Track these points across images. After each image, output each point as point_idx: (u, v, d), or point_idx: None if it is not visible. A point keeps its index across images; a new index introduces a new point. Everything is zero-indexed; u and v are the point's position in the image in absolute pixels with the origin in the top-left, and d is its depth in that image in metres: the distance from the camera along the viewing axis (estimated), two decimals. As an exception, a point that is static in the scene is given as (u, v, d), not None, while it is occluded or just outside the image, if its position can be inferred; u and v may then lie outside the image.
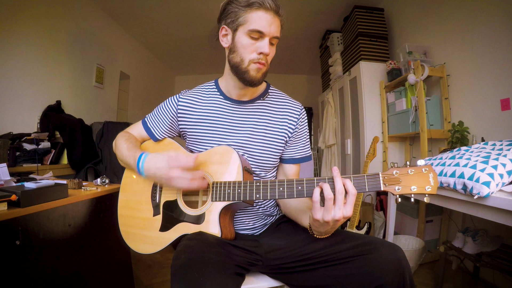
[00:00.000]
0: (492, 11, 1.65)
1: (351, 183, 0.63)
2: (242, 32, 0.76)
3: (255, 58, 0.77)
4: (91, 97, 2.88)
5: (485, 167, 0.91)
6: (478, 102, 1.75)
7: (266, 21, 0.74)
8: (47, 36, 2.28)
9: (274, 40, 0.79)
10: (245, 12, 0.75)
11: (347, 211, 0.62)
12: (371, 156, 1.96)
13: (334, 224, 0.65)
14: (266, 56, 0.78)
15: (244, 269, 0.72)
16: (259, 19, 0.74)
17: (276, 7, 0.75)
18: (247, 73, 0.78)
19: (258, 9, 0.74)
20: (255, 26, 0.74)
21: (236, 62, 0.79)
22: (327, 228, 0.66)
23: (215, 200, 0.75)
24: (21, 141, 1.82)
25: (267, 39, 0.76)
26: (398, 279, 0.62)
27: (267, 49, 0.76)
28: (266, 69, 0.80)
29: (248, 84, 0.80)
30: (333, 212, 0.62)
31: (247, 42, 0.76)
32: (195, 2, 2.88)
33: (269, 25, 0.75)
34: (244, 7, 0.74)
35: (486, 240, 1.39)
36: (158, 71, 4.71)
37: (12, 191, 0.85)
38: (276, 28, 0.77)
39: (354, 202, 0.63)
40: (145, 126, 0.95)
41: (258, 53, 0.76)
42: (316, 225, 0.67)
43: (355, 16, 2.65)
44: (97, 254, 1.18)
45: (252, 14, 0.74)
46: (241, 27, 0.76)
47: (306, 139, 0.94)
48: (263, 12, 0.74)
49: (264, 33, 0.75)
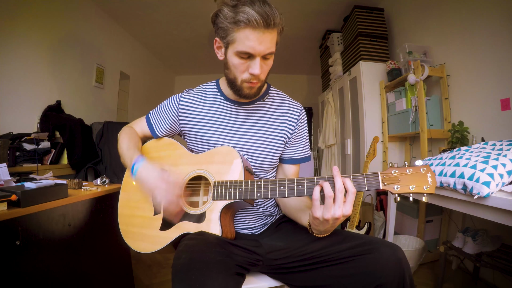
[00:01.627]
0: (492, 11, 1.65)
1: (350, 182, 0.63)
2: (232, 51, 0.73)
3: (247, 78, 0.75)
4: (91, 97, 2.89)
5: (485, 167, 0.91)
6: (478, 102, 1.75)
7: (254, 40, 0.68)
8: (47, 36, 2.28)
9: (269, 56, 0.74)
10: (232, 31, 0.70)
11: (347, 210, 0.63)
12: (371, 156, 1.96)
13: (333, 223, 0.65)
14: (258, 75, 0.74)
15: (245, 269, 0.72)
16: (246, 39, 0.69)
17: (266, 22, 0.67)
18: (241, 90, 0.79)
19: (244, 28, 0.68)
20: (243, 48, 0.70)
21: (230, 79, 0.79)
22: (326, 226, 0.67)
23: (216, 199, 0.75)
24: (21, 141, 1.82)
25: (258, 59, 0.72)
26: (398, 279, 0.62)
27: (257, 71, 0.72)
28: (260, 84, 0.79)
29: (244, 98, 0.81)
30: (332, 210, 0.63)
31: (238, 62, 0.73)
32: (195, 2, 2.88)
33: (258, 44, 0.69)
34: (231, 24, 0.69)
35: (486, 240, 1.39)
36: (158, 71, 4.71)
37: (12, 191, 0.85)
38: (268, 43, 0.70)
39: (353, 200, 0.64)
40: (148, 123, 0.96)
41: (250, 73, 0.74)
42: (315, 223, 0.68)
43: (355, 16, 2.65)
44: (97, 254, 1.18)
45: (240, 33, 0.69)
46: (230, 46, 0.72)
47: (305, 139, 0.94)
48: (250, 31, 0.68)
49: (252, 54, 0.71)
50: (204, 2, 2.86)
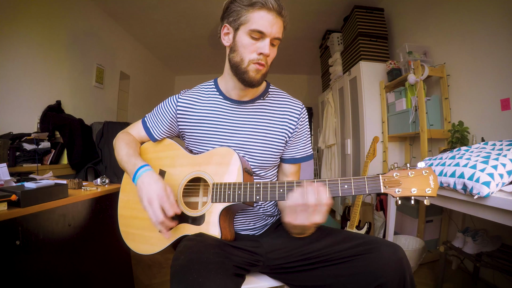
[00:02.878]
0: (492, 11, 1.65)
1: (324, 193, 0.63)
2: (243, 31, 0.76)
3: (255, 59, 0.76)
4: (91, 97, 2.88)
5: (485, 167, 0.91)
6: (478, 102, 1.75)
7: (268, 21, 0.74)
8: (47, 36, 2.28)
9: (276, 41, 0.78)
10: (247, 12, 0.74)
11: (318, 219, 0.63)
12: (371, 156, 1.96)
13: (305, 228, 0.68)
14: (266, 57, 0.77)
15: (244, 269, 0.72)
16: (260, 19, 0.73)
17: (279, 8, 0.74)
18: (246, 74, 0.78)
19: (260, 9, 0.73)
20: (256, 26, 0.74)
21: (236, 62, 0.78)
22: (298, 230, 0.71)
23: (215, 201, 0.75)
24: (21, 141, 1.82)
25: (268, 40, 0.75)
26: (398, 278, 0.62)
27: (267, 50, 0.75)
28: (265, 70, 0.80)
29: (247, 84, 0.79)
30: (303, 217, 0.64)
31: (248, 41, 0.76)
32: (195, 2, 2.88)
33: (270, 25, 0.74)
34: (246, 6, 0.74)
35: (486, 240, 1.39)
36: (158, 71, 4.71)
37: (12, 191, 0.85)
38: (278, 29, 0.76)
39: (326, 211, 0.64)
40: (144, 126, 0.94)
41: (258, 53, 0.76)
42: (288, 226, 0.71)
43: (355, 16, 2.65)
44: (97, 254, 1.18)
45: (254, 13, 0.74)
46: (242, 27, 0.75)
47: (306, 138, 0.93)
48: (265, 12, 0.73)
49: (265, 33, 0.74)
50: (204, 2, 2.86)
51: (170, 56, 4.49)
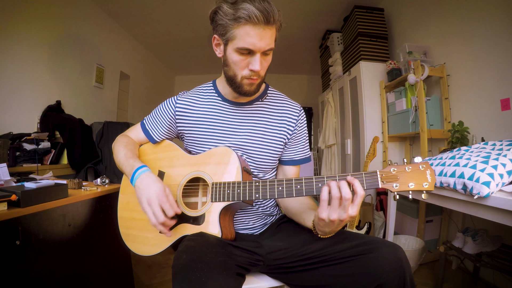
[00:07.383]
0: (492, 11, 1.65)
1: (359, 184, 0.62)
2: (232, 48, 0.73)
3: (247, 75, 0.75)
4: (91, 97, 2.89)
5: (485, 167, 0.91)
6: (478, 102, 1.74)
7: (255, 37, 0.69)
8: (47, 36, 2.28)
9: (268, 52, 0.74)
10: (232, 27, 0.70)
11: (353, 211, 0.62)
12: (371, 156, 1.96)
13: (339, 224, 0.65)
14: (258, 72, 0.75)
15: (245, 269, 0.72)
16: (247, 36, 0.69)
17: (266, 17, 0.67)
18: (241, 87, 0.78)
19: (245, 24, 0.68)
20: (243, 44, 0.70)
21: (230, 76, 0.78)
22: (332, 227, 0.66)
23: (214, 200, 0.75)
24: (21, 141, 1.82)
25: (258, 56, 0.72)
26: (398, 278, 0.62)
27: (257, 67, 0.73)
28: (260, 80, 0.79)
29: (243, 95, 0.80)
30: (339, 212, 0.62)
31: (238, 58, 0.73)
32: (195, 2, 2.88)
33: (258, 39, 0.69)
34: (230, 20, 0.69)
35: (486, 240, 1.39)
36: (158, 71, 4.71)
37: (12, 191, 0.85)
38: (268, 40, 0.71)
39: (360, 203, 0.62)
40: (143, 129, 0.94)
41: (250, 69, 0.74)
42: (321, 225, 0.67)
43: (355, 16, 2.65)
44: (97, 254, 1.18)
45: (240, 29, 0.69)
46: (230, 43, 0.72)
47: (305, 140, 0.93)
48: (251, 28, 0.68)
49: (253, 50, 0.71)
50: (204, 2, 2.86)
51: (170, 56, 4.49)
